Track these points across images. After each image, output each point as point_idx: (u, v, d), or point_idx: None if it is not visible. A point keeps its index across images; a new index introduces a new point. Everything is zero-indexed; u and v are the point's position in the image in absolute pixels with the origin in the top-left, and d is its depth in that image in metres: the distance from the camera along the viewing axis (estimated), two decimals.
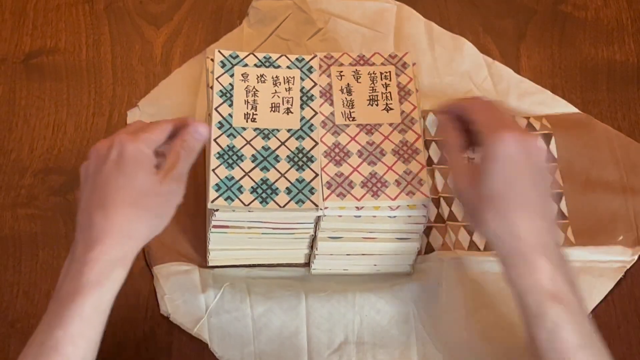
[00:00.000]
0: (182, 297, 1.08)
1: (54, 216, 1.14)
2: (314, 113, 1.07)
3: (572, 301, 0.89)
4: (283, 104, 1.07)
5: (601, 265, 1.13)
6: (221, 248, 1.07)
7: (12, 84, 1.23)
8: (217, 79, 1.07)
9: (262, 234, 1.05)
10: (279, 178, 1.03)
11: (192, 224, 1.12)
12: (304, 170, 1.03)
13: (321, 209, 1.01)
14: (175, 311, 1.07)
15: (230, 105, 1.05)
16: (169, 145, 0.94)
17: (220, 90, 1.06)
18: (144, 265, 1.10)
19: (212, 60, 1.09)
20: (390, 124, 1.08)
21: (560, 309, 0.88)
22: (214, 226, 1.04)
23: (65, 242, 1.12)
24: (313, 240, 1.07)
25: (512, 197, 0.91)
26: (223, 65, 1.08)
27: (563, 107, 1.24)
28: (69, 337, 0.85)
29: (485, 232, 0.93)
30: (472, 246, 1.13)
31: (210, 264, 1.10)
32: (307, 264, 1.11)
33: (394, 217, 1.04)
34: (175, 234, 1.11)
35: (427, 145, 1.18)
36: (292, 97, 1.07)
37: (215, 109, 1.05)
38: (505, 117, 0.96)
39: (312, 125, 1.06)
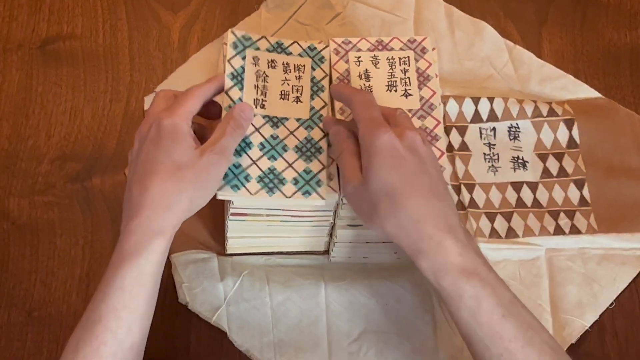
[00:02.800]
0: (200, 285, 1.07)
1: (71, 204, 1.13)
2: (323, 104, 1.05)
3: (485, 273, 0.89)
4: (293, 92, 1.05)
5: (624, 253, 1.12)
6: (240, 236, 1.07)
7: (29, 70, 1.22)
8: (229, 60, 1.04)
9: (281, 221, 1.05)
10: (286, 168, 1.01)
11: (210, 212, 1.11)
12: (311, 161, 1.02)
13: (340, 196, 1.00)
14: (193, 300, 1.07)
15: (241, 89, 1.03)
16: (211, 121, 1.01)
17: (232, 73, 1.03)
18: None
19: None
20: (410, 110, 1.06)
21: (476, 282, 0.88)
22: (232, 214, 1.03)
23: (83, 229, 1.12)
24: (332, 228, 1.06)
25: (402, 185, 0.91)
26: (235, 46, 1.05)
27: (585, 92, 1.23)
28: (112, 310, 0.88)
29: (387, 226, 0.91)
30: (494, 234, 1.12)
31: (229, 252, 1.10)
32: (326, 252, 1.10)
33: None
34: (193, 222, 1.11)
35: (447, 131, 1.17)
36: (302, 86, 1.05)
37: (226, 92, 1.02)
38: (380, 117, 0.96)
39: (321, 115, 1.04)
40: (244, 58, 1.04)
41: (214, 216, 1.11)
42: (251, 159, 1.01)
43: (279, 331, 1.05)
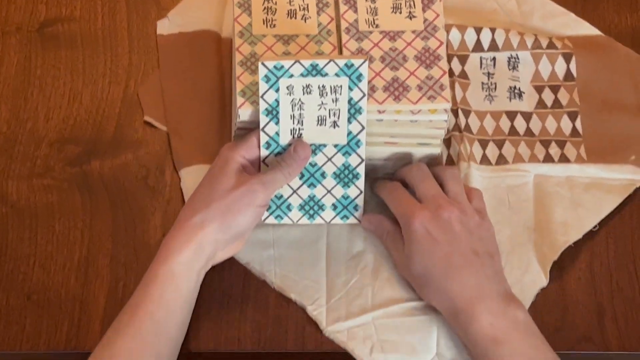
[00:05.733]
0: None
1: (70, 187, 1.13)
2: (361, 128, 1.04)
3: (518, 341, 0.97)
4: (330, 117, 1.04)
5: (611, 182, 1.14)
6: None
7: (27, 52, 1.22)
8: (262, 96, 1.01)
9: None
10: (326, 194, 1.07)
11: (219, 127, 1.15)
12: (349, 187, 1.06)
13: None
14: None
15: (277, 123, 1.02)
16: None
17: (266, 109, 1.02)
18: (172, 170, 1.14)
19: None
20: (413, 31, 1.09)
21: (504, 349, 0.96)
22: (239, 128, 1.05)
23: (82, 213, 1.11)
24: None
25: (436, 269, 1.01)
26: (267, 79, 1.01)
27: (586, 29, 1.24)
28: (149, 296, 0.98)
29: (432, 300, 1.03)
30: (484, 160, 1.15)
31: None
32: None
33: (415, 121, 1.05)
34: (202, 137, 1.15)
35: (448, 59, 1.19)
36: (339, 109, 1.03)
37: (262, 129, 1.03)
38: (409, 199, 1.05)
39: (359, 141, 1.05)
40: (277, 90, 1.02)
41: (223, 131, 1.14)
42: (291, 188, 1.05)
43: (280, 247, 1.09)
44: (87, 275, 1.08)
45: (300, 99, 1.02)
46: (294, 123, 1.03)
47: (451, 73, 1.18)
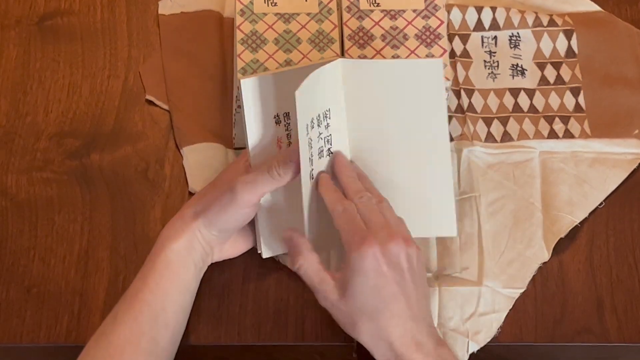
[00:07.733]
0: (209, 175, 1.10)
1: (70, 180, 1.13)
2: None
3: None
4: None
5: (615, 157, 1.15)
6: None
7: (26, 46, 1.22)
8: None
9: None
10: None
11: (220, 105, 1.15)
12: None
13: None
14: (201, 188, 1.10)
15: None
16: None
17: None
18: (174, 149, 1.15)
19: None
20: (414, 10, 1.10)
21: None
22: (239, 106, 1.06)
23: (82, 206, 1.11)
24: None
25: (381, 307, 0.94)
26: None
27: (586, 5, 1.25)
28: (147, 285, 0.99)
29: (364, 339, 0.95)
30: (490, 137, 1.15)
31: (236, 145, 1.13)
32: None
33: None
34: (204, 115, 1.16)
35: (450, 39, 1.20)
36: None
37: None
38: (362, 226, 0.96)
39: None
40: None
41: (225, 110, 1.15)
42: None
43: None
44: (87, 268, 1.08)
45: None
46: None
47: (453, 54, 1.19)
